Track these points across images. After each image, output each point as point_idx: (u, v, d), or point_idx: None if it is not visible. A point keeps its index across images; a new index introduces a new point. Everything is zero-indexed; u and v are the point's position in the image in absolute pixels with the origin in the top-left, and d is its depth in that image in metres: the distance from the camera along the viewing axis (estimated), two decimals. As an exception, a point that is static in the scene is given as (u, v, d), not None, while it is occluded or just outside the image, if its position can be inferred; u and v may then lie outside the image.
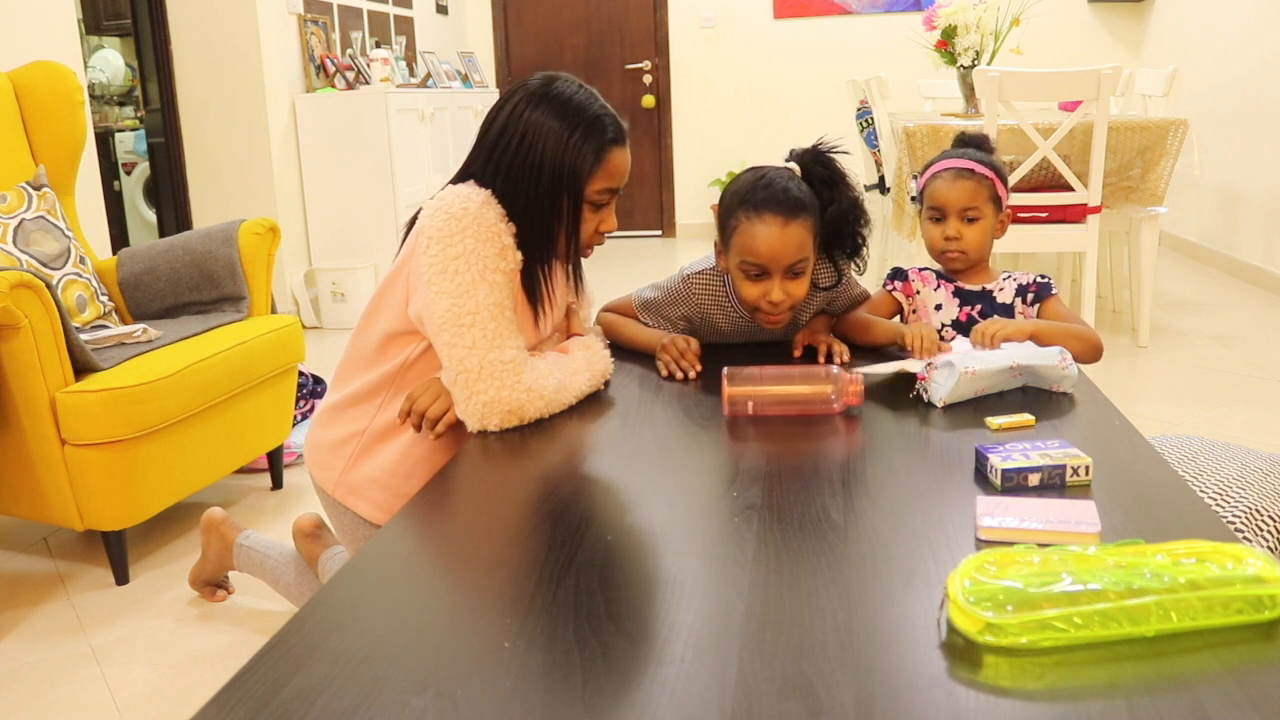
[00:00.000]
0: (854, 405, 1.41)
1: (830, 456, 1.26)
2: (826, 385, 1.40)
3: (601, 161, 1.46)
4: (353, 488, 1.58)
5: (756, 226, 1.55)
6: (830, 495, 1.13)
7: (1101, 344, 1.66)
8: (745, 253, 1.57)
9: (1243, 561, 0.85)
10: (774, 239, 1.54)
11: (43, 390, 2.00)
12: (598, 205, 1.50)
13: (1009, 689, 0.77)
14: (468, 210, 1.41)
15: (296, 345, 2.55)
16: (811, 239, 1.58)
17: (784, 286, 1.58)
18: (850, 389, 1.40)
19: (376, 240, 4.52)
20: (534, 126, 1.45)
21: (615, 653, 0.82)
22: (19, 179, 2.48)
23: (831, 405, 1.40)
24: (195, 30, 4.26)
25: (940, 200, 1.74)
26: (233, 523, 2.01)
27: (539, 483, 1.25)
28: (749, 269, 1.59)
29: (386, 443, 1.54)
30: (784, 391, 1.41)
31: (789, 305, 1.61)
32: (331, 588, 0.95)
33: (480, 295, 1.39)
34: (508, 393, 1.38)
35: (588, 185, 1.46)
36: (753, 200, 1.56)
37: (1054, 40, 6.04)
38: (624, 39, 6.59)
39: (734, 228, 1.59)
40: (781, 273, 1.57)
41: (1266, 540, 1.51)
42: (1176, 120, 3.55)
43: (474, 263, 1.40)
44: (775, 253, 1.55)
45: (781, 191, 1.55)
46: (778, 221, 1.54)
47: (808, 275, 1.61)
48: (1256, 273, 4.75)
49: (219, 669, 1.83)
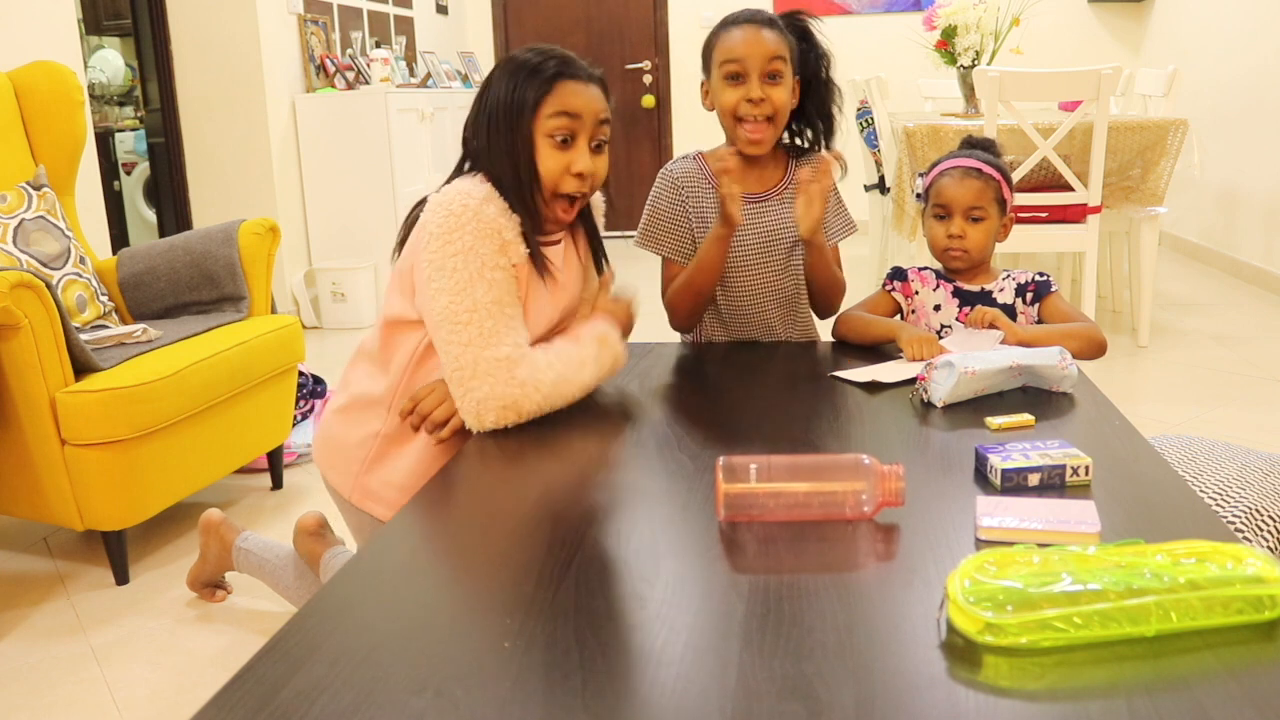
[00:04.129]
0: (893, 507, 1.06)
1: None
2: (857, 482, 1.06)
3: (549, 91, 1.44)
4: (369, 492, 1.55)
5: (731, 31, 1.70)
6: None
7: (1103, 339, 1.65)
8: (723, 56, 1.69)
9: (1243, 561, 0.85)
10: (748, 36, 1.67)
11: (43, 390, 2.00)
12: (559, 139, 1.45)
13: (1009, 689, 0.77)
14: (468, 207, 1.41)
15: (296, 345, 2.55)
16: (788, 54, 1.69)
17: (763, 88, 1.67)
18: (888, 485, 1.05)
19: (376, 240, 4.52)
20: (490, 98, 1.49)
21: (615, 653, 0.82)
22: (19, 179, 2.48)
23: (862, 508, 1.06)
24: (195, 30, 4.26)
25: (946, 198, 1.74)
26: (231, 524, 2.01)
27: (539, 483, 1.25)
28: (728, 70, 1.69)
29: (403, 446, 1.52)
30: (799, 490, 1.07)
31: (770, 112, 1.68)
32: (331, 588, 0.95)
33: (478, 293, 1.39)
34: (501, 388, 1.37)
35: (536, 116, 1.45)
36: (727, 19, 1.73)
37: (1054, 40, 6.04)
38: (624, 39, 6.59)
39: (712, 44, 1.73)
40: (759, 74, 1.67)
41: (1266, 540, 1.51)
42: (1176, 120, 3.55)
43: (472, 260, 1.39)
44: (750, 48, 1.67)
45: (753, 10, 1.72)
46: (750, 26, 1.68)
47: (786, 86, 1.69)
48: (1256, 273, 4.75)
49: (219, 669, 1.83)
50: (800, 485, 1.07)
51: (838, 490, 1.06)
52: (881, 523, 1.06)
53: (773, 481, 1.07)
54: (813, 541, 1.03)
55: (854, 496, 1.05)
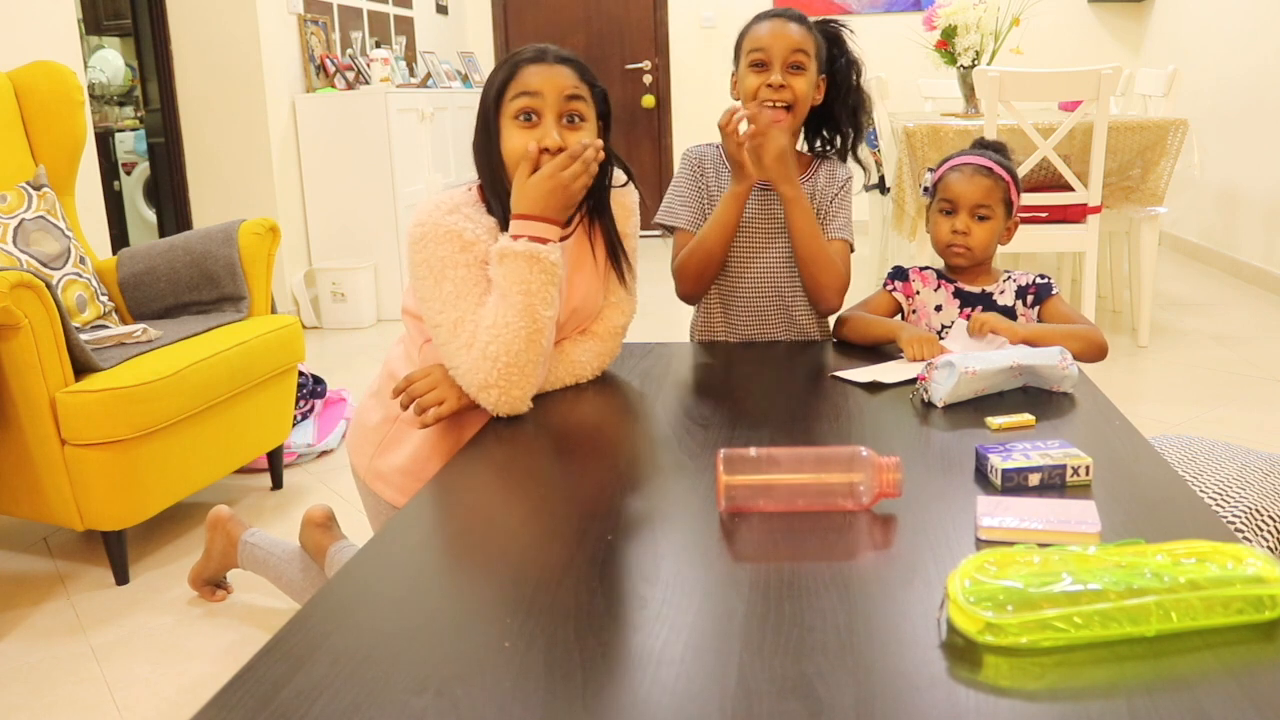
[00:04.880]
0: (890, 499, 1.08)
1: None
2: (855, 474, 1.07)
3: (512, 76, 1.46)
4: (379, 473, 1.61)
5: (762, 23, 1.77)
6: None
7: (1105, 342, 1.65)
8: (750, 45, 1.76)
9: (1243, 561, 0.85)
10: (774, 28, 1.74)
11: (43, 390, 2.00)
12: (524, 119, 1.45)
13: (1009, 689, 0.77)
14: (431, 217, 1.46)
15: (296, 345, 2.55)
16: (813, 50, 1.75)
17: (785, 76, 1.72)
18: (885, 477, 1.07)
19: (376, 240, 4.52)
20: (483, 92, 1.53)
21: (615, 653, 0.82)
22: (19, 179, 2.48)
23: (860, 499, 1.07)
24: (195, 30, 4.26)
25: (954, 194, 1.74)
26: (239, 520, 2.02)
27: (539, 483, 1.25)
28: (753, 58, 1.75)
29: (413, 430, 1.55)
30: (798, 481, 1.09)
31: (790, 99, 1.72)
32: (332, 587, 0.95)
33: (444, 291, 1.44)
34: (469, 374, 1.41)
35: (501, 103, 1.47)
36: (761, 14, 1.79)
37: (1054, 40, 6.04)
38: (624, 39, 6.59)
39: (743, 36, 1.79)
40: (782, 63, 1.72)
41: (1266, 540, 1.51)
42: (1176, 120, 3.55)
43: (435, 265, 1.44)
44: (775, 39, 1.73)
45: (785, 8, 1.80)
46: (779, 20, 1.75)
47: (808, 79, 1.74)
48: (1256, 273, 4.75)
49: (219, 669, 1.83)
50: (799, 476, 1.09)
51: (836, 481, 1.07)
52: (879, 513, 1.07)
53: (772, 473, 1.09)
54: (811, 533, 1.04)
55: (852, 488, 1.07)
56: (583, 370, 1.59)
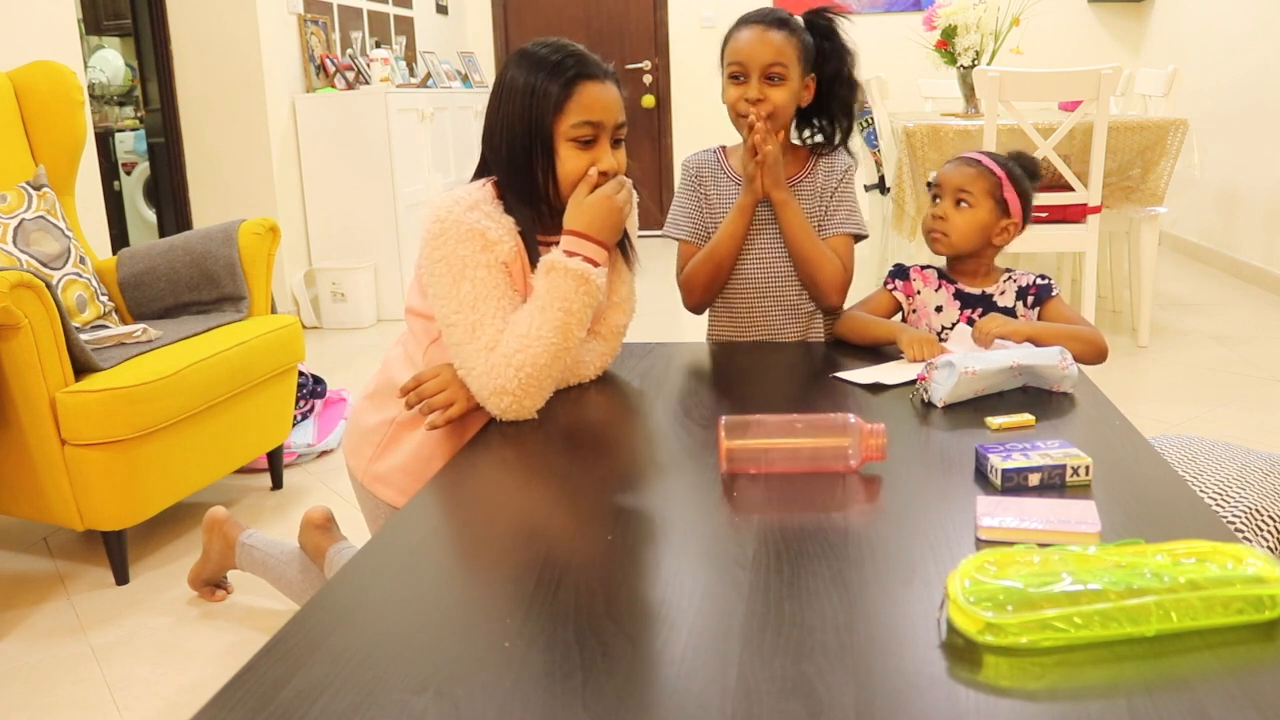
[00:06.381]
0: (875, 462, 1.19)
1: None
2: (843, 438, 1.19)
3: (570, 96, 1.44)
4: (379, 476, 1.60)
5: (740, 31, 1.74)
6: (830, 495, 1.13)
7: (1105, 344, 1.65)
8: (729, 56, 1.75)
9: (1243, 561, 0.85)
10: (752, 38, 1.72)
11: (43, 390, 2.00)
12: (583, 142, 1.46)
13: (1009, 689, 0.77)
14: (452, 213, 1.43)
15: (296, 345, 2.55)
16: (795, 56, 1.72)
17: (761, 88, 1.71)
18: (871, 442, 1.18)
19: (376, 240, 4.52)
20: (506, 92, 1.47)
21: (615, 653, 0.82)
22: (19, 179, 2.48)
23: (848, 461, 1.18)
24: (195, 30, 4.25)
25: (940, 179, 1.78)
26: (235, 521, 2.02)
27: (539, 484, 1.25)
28: (731, 70, 1.74)
29: (414, 431, 1.55)
30: (793, 445, 1.20)
31: (768, 111, 1.71)
32: (331, 587, 0.95)
33: (463, 291, 1.42)
34: (485, 378, 1.40)
35: (557, 123, 1.44)
36: (742, 18, 1.77)
37: (1054, 40, 6.04)
38: (624, 39, 6.59)
39: (725, 42, 1.77)
40: (759, 75, 1.71)
41: (1266, 540, 1.51)
42: (1176, 120, 3.55)
43: (455, 263, 1.42)
44: (752, 49, 1.71)
45: (768, 10, 1.76)
46: (758, 28, 1.72)
47: (788, 88, 1.73)
48: (1256, 273, 4.75)
49: (219, 669, 1.83)
50: (793, 440, 1.20)
51: (826, 445, 1.19)
52: (866, 474, 1.18)
53: (769, 437, 1.20)
54: (804, 494, 1.16)
55: (841, 451, 1.18)
56: (587, 370, 1.59)
